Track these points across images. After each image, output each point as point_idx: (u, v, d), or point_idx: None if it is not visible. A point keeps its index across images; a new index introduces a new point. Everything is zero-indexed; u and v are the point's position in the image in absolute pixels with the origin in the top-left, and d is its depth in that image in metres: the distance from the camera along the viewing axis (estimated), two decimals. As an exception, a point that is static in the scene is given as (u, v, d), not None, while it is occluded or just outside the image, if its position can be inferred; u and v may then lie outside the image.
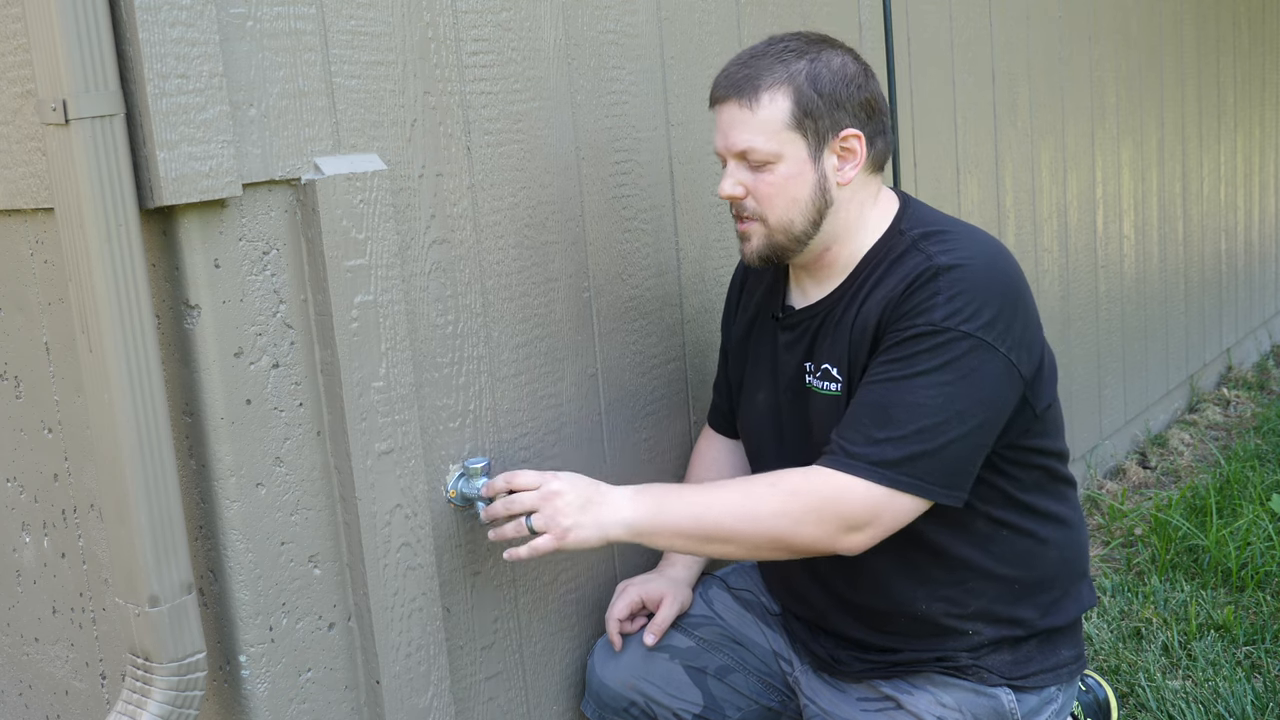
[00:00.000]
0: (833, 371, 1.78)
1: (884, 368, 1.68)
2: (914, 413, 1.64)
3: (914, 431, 1.63)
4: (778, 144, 1.71)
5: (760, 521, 1.66)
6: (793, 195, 1.74)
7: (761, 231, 1.77)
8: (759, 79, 1.71)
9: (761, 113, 1.71)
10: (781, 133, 1.71)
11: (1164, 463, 4.12)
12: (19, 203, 1.61)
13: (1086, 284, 3.82)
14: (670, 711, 1.96)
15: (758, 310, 1.98)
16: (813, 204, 1.75)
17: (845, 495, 1.65)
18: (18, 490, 1.85)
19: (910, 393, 1.64)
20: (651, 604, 2.01)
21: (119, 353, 1.41)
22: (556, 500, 1.66)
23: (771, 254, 1.79)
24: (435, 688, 1.76)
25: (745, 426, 2.01)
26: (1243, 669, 2.66)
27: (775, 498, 1.67)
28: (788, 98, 1.71)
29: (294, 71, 1.55)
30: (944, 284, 1.67)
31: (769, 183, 1.73)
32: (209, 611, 1.59)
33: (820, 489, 1.66)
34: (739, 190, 1.75)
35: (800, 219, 1.75)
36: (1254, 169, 5.40)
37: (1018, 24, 3.39)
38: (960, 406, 1.64)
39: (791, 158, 1.72)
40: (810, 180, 1.74)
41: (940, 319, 1.65)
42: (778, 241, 1.77)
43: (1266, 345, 5.65)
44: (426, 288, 1.74)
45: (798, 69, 1.72)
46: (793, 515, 1.66)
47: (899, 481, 1.64)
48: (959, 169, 3.13)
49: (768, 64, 1.72)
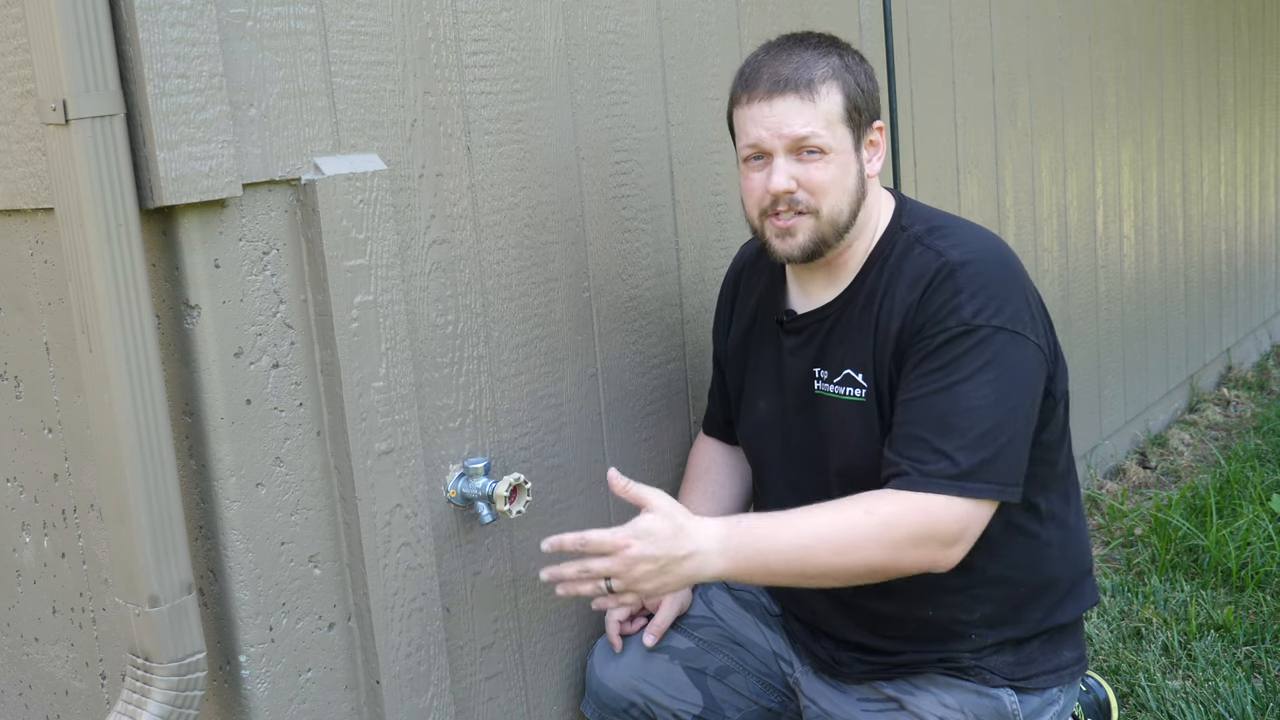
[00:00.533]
0: (856, 377, 1.77)
1: (929, 377, 1.67)
2: (973, 418, 1.64)
3: (977, 437, 1.64)
4: (833, 136, 1.72)
5: (861, 554, 1.63)
6: (845, 185, 1.74)
7: (810, 225, 1.75)
8: (812, 72, 1.72)
9: (821, 104, 1.71)
10: (836, 125, 1.72)
11: (1164, 463, 4.12)
12: (19, 203, 1.61)
13: (1086, 284, 3.82)
14: (670, 712, 1.96)
15: (755, 316, 1.97)
16: (858, 195, 1.76)
17: (936, 515, 1.64)
18: (18, 490, 1.85)
19: (963, 398, 1.65)
20: (651, 605, 2.01)
21: (119, 353, 1.41)
22: (636, 568, 1.57)
23: (816, 248, 1.76)
24: (435, 688, 1.76)
25: (746, 434, 2.00)
26: (1243, 669, 2.66)
27: (873, 529, 1.63)
28: (840, 91, 1.73)
29: (294, 71, 1.55)
30: (963, 280, 1.68)
31: (824, 171, 1.72)
32: (209, 611, 1.59)
33: (914, 514, 1.64)
34: (792, 184, 1.73)
35: (848, 209, 1.75)
36: (1254, 169, 5.40)
37: (1018, 24, 3.39)
38: (1011, 401, 1.67)
39: (843, 149, 1.73)
40: (855, 171, 1.76)
41: (970, 317, 1.66)
42: (824, 234, 1.75)
43: (1266, 345, 5.65)
44: (426, 288, 1.74)
45: (839, 64, 1.74)
46: (894, 543, 1.64)
47: (979, 490, 1.65)
48: (959, 169, 3.13)
49: (812, 58, 1.73)
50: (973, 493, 1.64)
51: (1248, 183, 5.32)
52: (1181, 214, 4.56)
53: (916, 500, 1.64)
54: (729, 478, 2.12)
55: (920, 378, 1.68)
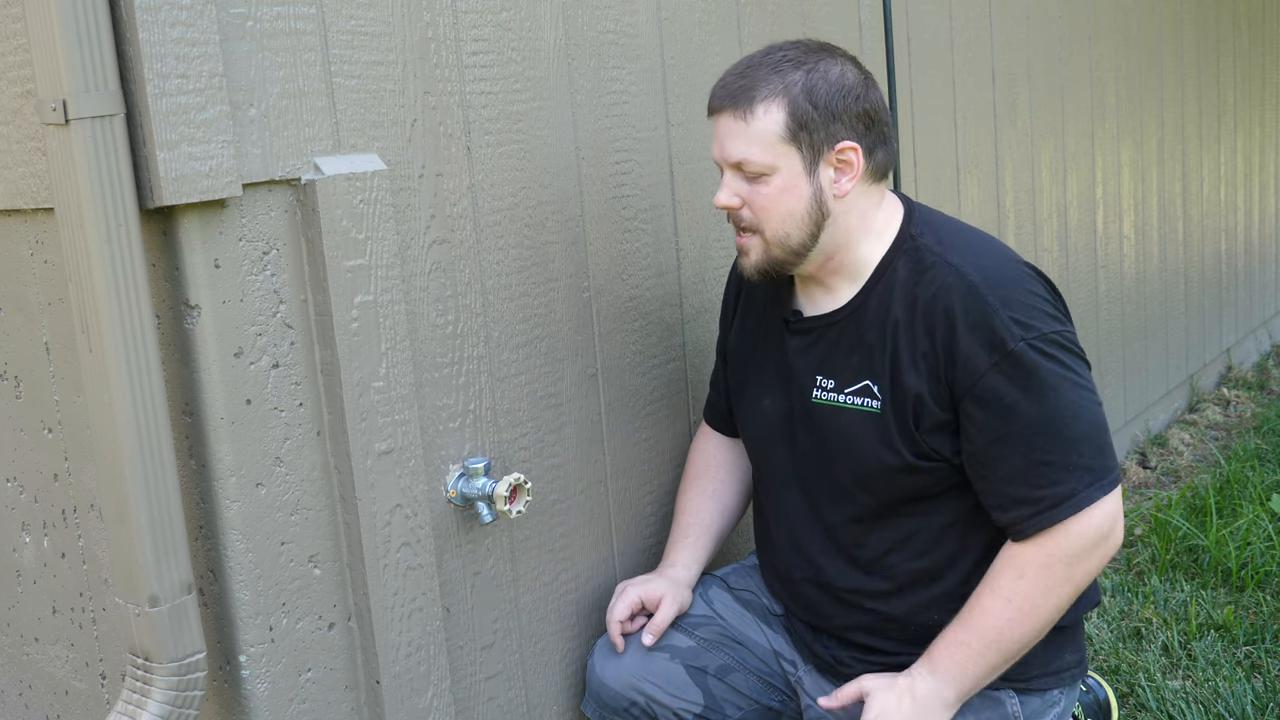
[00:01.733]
0: (873, 389, 1.77)
1: (1016, 409, 1.68)
2: (1076, 417, 1.68)
3: (1087, 432, 1.69)
4: (772, 156, 1.70)
5: (1046, 615, 1.72)
6: (788, 208, 1.72)
7: (759, 245, 1.76)
8: (754, 90, 1.70)
9: (756, 124, 1.69)
10: (776, 145, 1.70)
11: (1164, 463, 4.12)
12: (19, 203, 1.61)
13: (1086, 284, 3.82)
14: (671, 711, 1.96)
15: (762, 312, 1.97)
16: (809, 217, 1.74)
17: (1086, 530, 1.69)
18: (18, 490, 1.85)
19: (1060, 409, 1.68)
20: (651, 604, 2.01)
21: (119, 353, 1.41)
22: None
23: (770, 268, 1.78)
24: (435, 688, 1.76)
25: (748, 431, 2.00)
26: (1243, 669, 2.66)
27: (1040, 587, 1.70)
28: (782, 109, 1.69)
29: (294, 71, 1.55)
30: (994, 302, 1.68)
31: (764, 195, 1.72)
32: (209, 611, 1.59)
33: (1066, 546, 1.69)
34: (735, 201, 1.74)
35: (796, 232, 1.74)
36: (1254, 169, 5.40)
37: (1018, 24, 3.39)
38: (1088, 385, 1.72)
39: (786, 170, 1.71)
40: (805, 193, 1.72)
41: (1021, 335, 1.67)
42: (775, 255, 1.76)
43: (1266, 345, 5.65)
44: (426, 288, 1.74)
45: (794, 80, 1.70)
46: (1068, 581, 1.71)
47: (1106, 485, 1.70)
48: (959, 169, 3.13)
49: (764, 75, 1.71)
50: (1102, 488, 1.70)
51: (1248, 183, 5.32)
52: (1181, 214, 4.56)
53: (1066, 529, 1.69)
54: (730, 475, 2.12)
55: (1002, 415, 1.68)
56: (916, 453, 1.74)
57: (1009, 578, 1.71)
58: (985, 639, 1.71)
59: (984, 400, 1.69)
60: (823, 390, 1.82)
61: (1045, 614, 1.72)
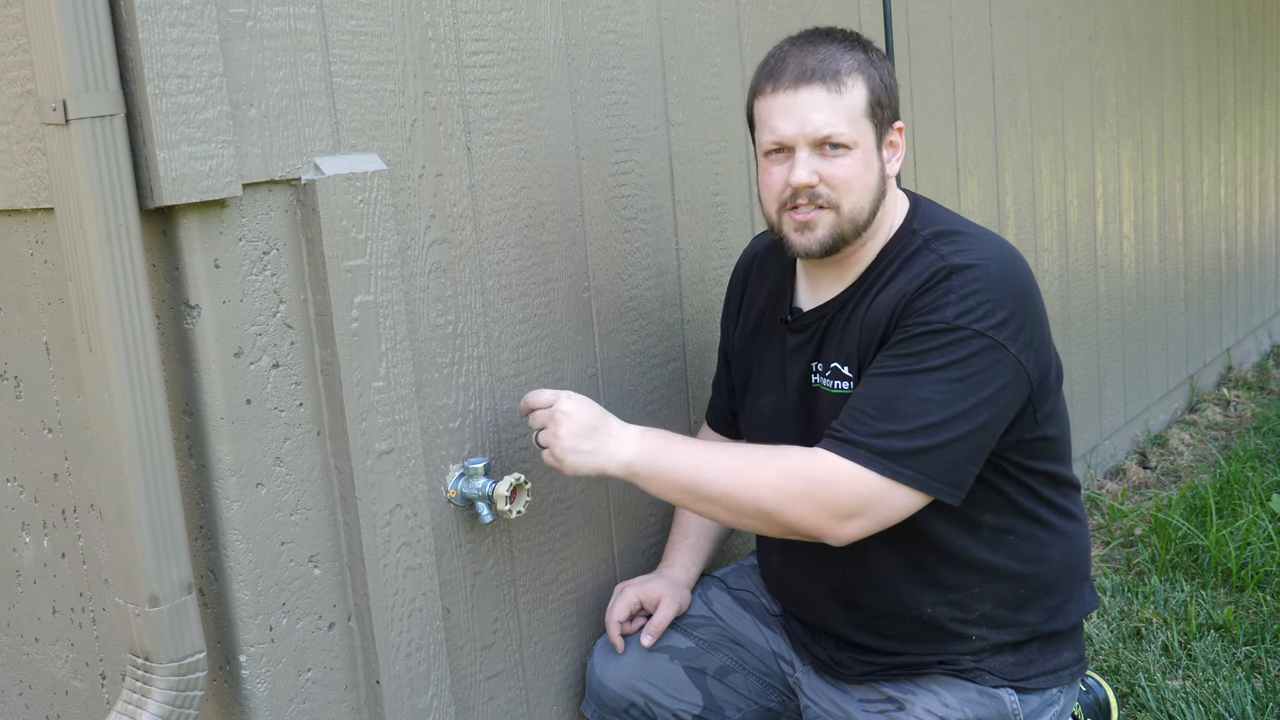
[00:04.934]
0: (843, 370, 1.78)
1: (892, 361, 1.67)
2: (921, 407, 1.63)
3: (920, 426, 1.63)
4: (857, 131, 1.71)
5: (753, 491, 1.66)
6: (866, 182, 1.73)
7: (830, 220, 1.73)
8: (838, 64, 1.70)
9: (848, 97, 1.70)
10: (860, 120, 1.71)
11: (1164, 463, 4.12)
12: (19, 203, 1.61)
13: (1086, 284, 3.82)
14: (670, 712, 1.96)
15: (763, 313, 1.97)
16: (878, 192, 1.75)
17: (842, 481, 1.63)
18: (18, 490, 1.85)
19: (918, 387, 1.64)
20: (650, 605, 2.01)
21: (119, 353, 1.41)
22: (563, 422, 1.69)
23: (836, 243, 1.75)
24: (435, 688, 1.76)
25: (750, 430, 2.00)
26: (1243, 669, 2.66)
27: (773, 473, 1.66)
28: (865, 85, 1.71)
29: (294, 71, 1.55)
30: (957, 283, 1.66)
31: (846, 167, 1.71)
32: (209, 611, 1.59)
33: (818, 472, 1.65)
34: (814, 178, 1.71)
35: (869, 206, 1.74)
36: (1254, 169, 5.40)
37: (1018, 24, 3.39)
38: (967, 404, 1.64)
39: (866, 145, 1.72)
40: (877, 169, 1.74)
41: (953, 317, 1.64)
42: (844, 230, 1.74)
43: (1266, 345, 5.65)
44: (426, 288, 1.74)
45: (864, 59, 1.72)
46: (786, 493, 1.65)
47: (900, 474, 1.63)
48: (959, 169, 3.13)
49: (838, 51, 1.71)
50: (892, 473, 1.62)
51: (1248, 183, 5.32)
52: (1181, 214, 4.56)
53: (826, 460, 1.65)
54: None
55: (885, 359, 1.68)
56: None
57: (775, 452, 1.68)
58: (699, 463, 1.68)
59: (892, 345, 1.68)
60: (816, 375, 1.83)
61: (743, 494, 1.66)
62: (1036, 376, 1.73)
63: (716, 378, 2.15)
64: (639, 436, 1.70)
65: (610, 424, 1.71)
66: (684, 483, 1.68)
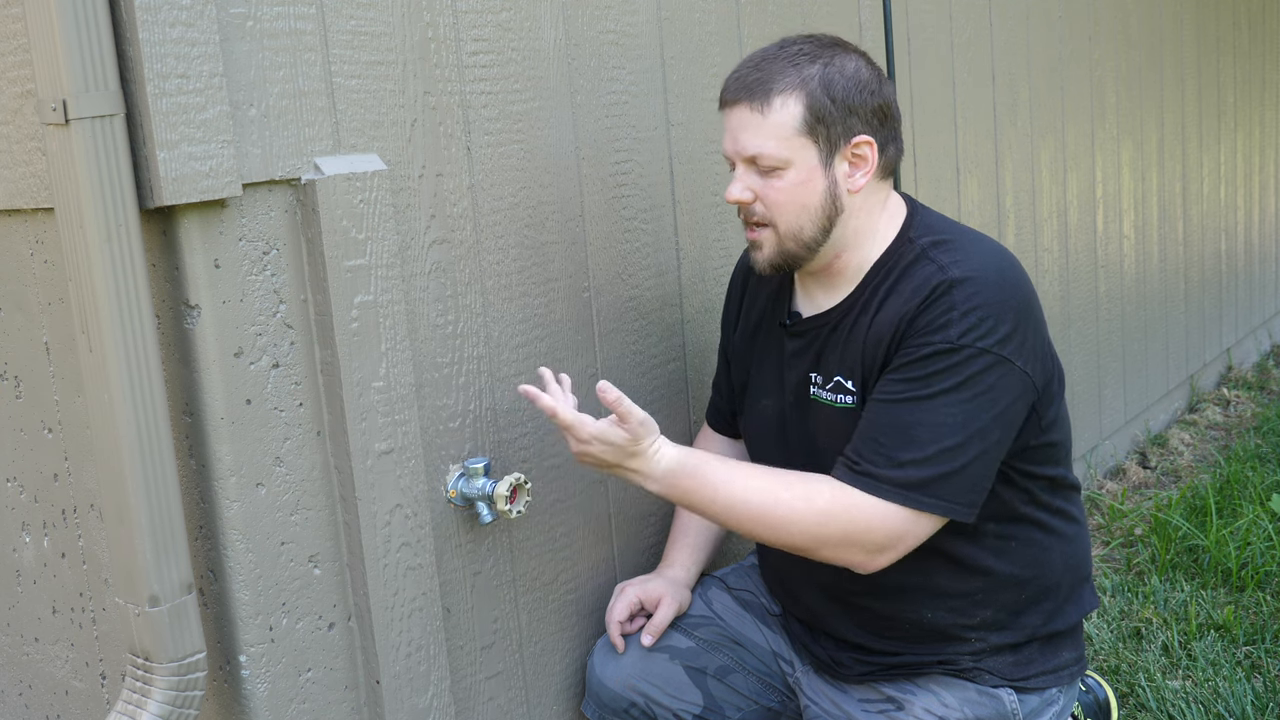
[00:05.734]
0: (846, 384, 1.77)
1: (901, 385, 1.67)
2: (936, 433, 1.64)
3: (937, 452, 1.63)
4: (788, 150, 1.69)
5: (786, 534, 1.69)
6: (802, 202, 1.71)
7: (772, 239, 1.75)
8: (771, 82, 1.69)
9: (773, 117, 1.68)
10: (793, 138, 1.69)
11: (1164, 463, 4.12)
12: (19, 203, 1.61)
13: (1086, 284, 3.82)
14: (670, 712, 1.96)
15: (763, 314, 1.97)
16: (823, 211, 1.73)
17: (875, 523, 1.65)
18: (18, 490, 1.85)
19: (931, 413, 1.64)
20: (650, 605, 2.01)
21: (119, 353, 1.41)
22: (584, 456, 1.71)
23: (783, 262, 1.77)
24: (435, 688, 1.76)
25: (749, 431, 2.00)
26: (1243, 669, 2.66)
27: (806, 516, 1.67)
28: (800, 103, 1.68)
29: (294, 71, 1.55)
30: (958, 298, 1.65)
31: (778, 189, 1.71)
32: (209, 611, 1.59)
33: (851, 513, 1.66)
34: (748, 195, 1.73)
35: (810, 226, 1.73)
36: (1254, 169, 5.40)
37: (1018, 24, 3.39)
38: (980, 424, 1.65)
39: (802, 164, 1.70)
40: (820, 187, 1.72)
41: (957, 336, 1.64)
42: (788, 249, 1.75)
43: (1266, 345, 5.65)
44: (426, 288, 1.74)
45: (810, 73, 1.69)
46: (820, 538, 1.68)
47: (923, 504, 1.65)
48: (959, 169, 3.13)
49: (780, 67, 1.70)
50: (916, 504, 1.65)
51: (1248, 183, 5.32)
52: (1181, 214, 4.56)
53: (854, 499, 1.66)
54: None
55: (893, 384, 1.68)
56: None
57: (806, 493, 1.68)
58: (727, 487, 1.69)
59: (898, 368, 1.68)
60: (816, 387, 1.83)
61: (777, 537, 1.69)
62: (1041, 385, 1.73)
63: (717, 378, 2.15)
64: (663, 478, 1.70)
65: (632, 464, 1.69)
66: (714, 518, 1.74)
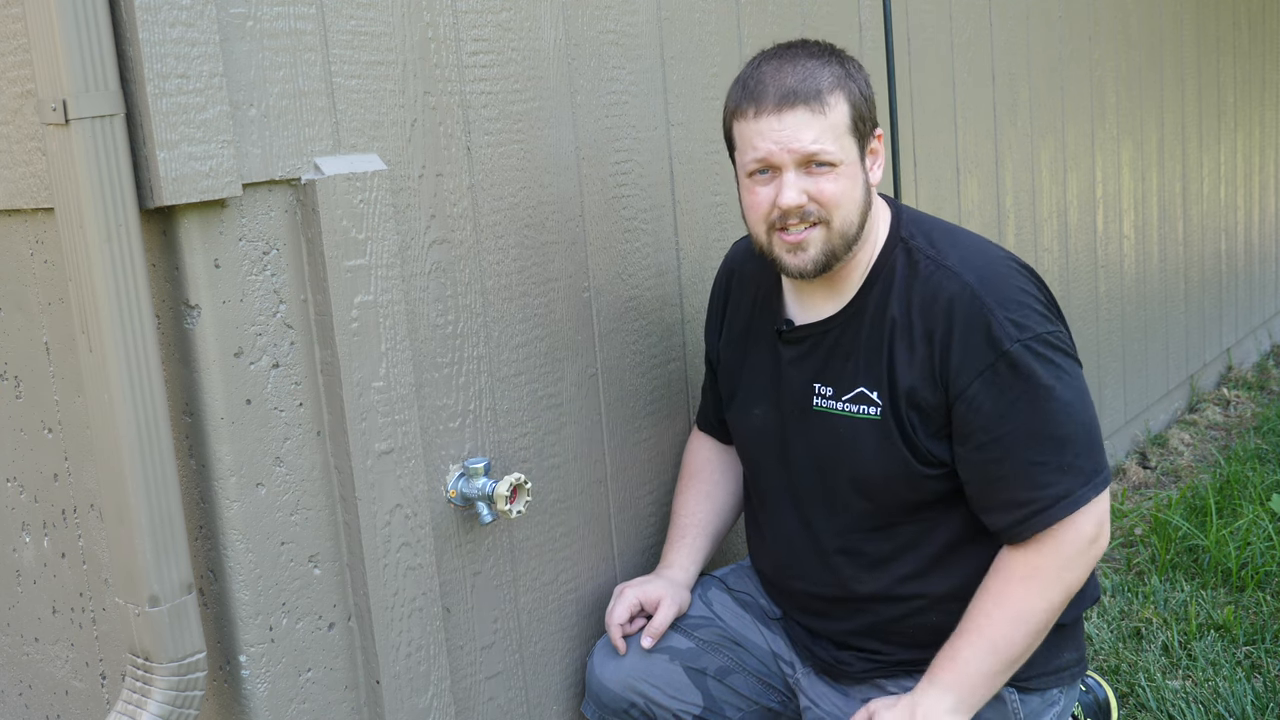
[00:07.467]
0: (871, 395, 1.77)
1: (1010, 409, 1.69)
2: (1069, 418, 1.70)
3: (1078, 434, 1.70)
4: (842, 147, 1.70)
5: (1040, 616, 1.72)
6: (854, 197, 1.72)
7: (822, 238, 1.72)
8: (819, 84, 1.69)
9: (831, 116, 1.69)
10: (844, 136, 1.70)
11: (1164, 463, 4.11)
12: (19, 203, 1.61)
13: (1086, 284, 3.82)
14: (670, 713, 1.96)
15: (749, 322, 1.96)
16: (864, 205, 1.75)
17: (1078, 533, 1.71)
18: (18, 490, 1.85)
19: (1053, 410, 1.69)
20: (649, 606, 2.01)
21: (119, 353, 1.41)
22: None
23: (829, 261, 1.74)
24: (435, 688, 1.76)
25: (741, 440, 2.00)
26: (1243, 669, 2.66)
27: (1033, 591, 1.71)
28: (846, 101, 1.71)
29: (294, 71, 1.55)
30: (990, 303, 1.69)
31: (834, 185, 1.70)
32: (209, 611, 1.59)
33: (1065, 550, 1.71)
34: (803, 198, 1.70)
35: (857, 221, 1.74)
36: (1254, 169, 5.40)
37: (1018, 24, 3.39)
38: (1080, 385, 1.73)
39: (851, 160, 1.72)
40: (862, 181, 1.74)
41: (1017, 336, 1.68)
42: (835, 247, 1.73)
43: (1266, 345, 5.65)
44: (426, 288, 1.74)
45: (841, 73, 1.72)
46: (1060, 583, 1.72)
47: (1098, 485, 1.72)
48: (959, 169, 3.13)
49: (815, 68, 1.70)
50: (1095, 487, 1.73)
51: (1248, 183, 5.32)
52: (1181, 214, 4.56)
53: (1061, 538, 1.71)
54: (724, 476, 2.12)
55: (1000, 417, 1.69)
56: (918, 458, 1.74)
57: (1001, 581, 1.72)
58: (981, 645, 1.71)
59: (979, 401, 1.69)
60: (821, 398, 1.82)
61: (1040, 617, 1.72)
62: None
63: (704, 384, 2.15)
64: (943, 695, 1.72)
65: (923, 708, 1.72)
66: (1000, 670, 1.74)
